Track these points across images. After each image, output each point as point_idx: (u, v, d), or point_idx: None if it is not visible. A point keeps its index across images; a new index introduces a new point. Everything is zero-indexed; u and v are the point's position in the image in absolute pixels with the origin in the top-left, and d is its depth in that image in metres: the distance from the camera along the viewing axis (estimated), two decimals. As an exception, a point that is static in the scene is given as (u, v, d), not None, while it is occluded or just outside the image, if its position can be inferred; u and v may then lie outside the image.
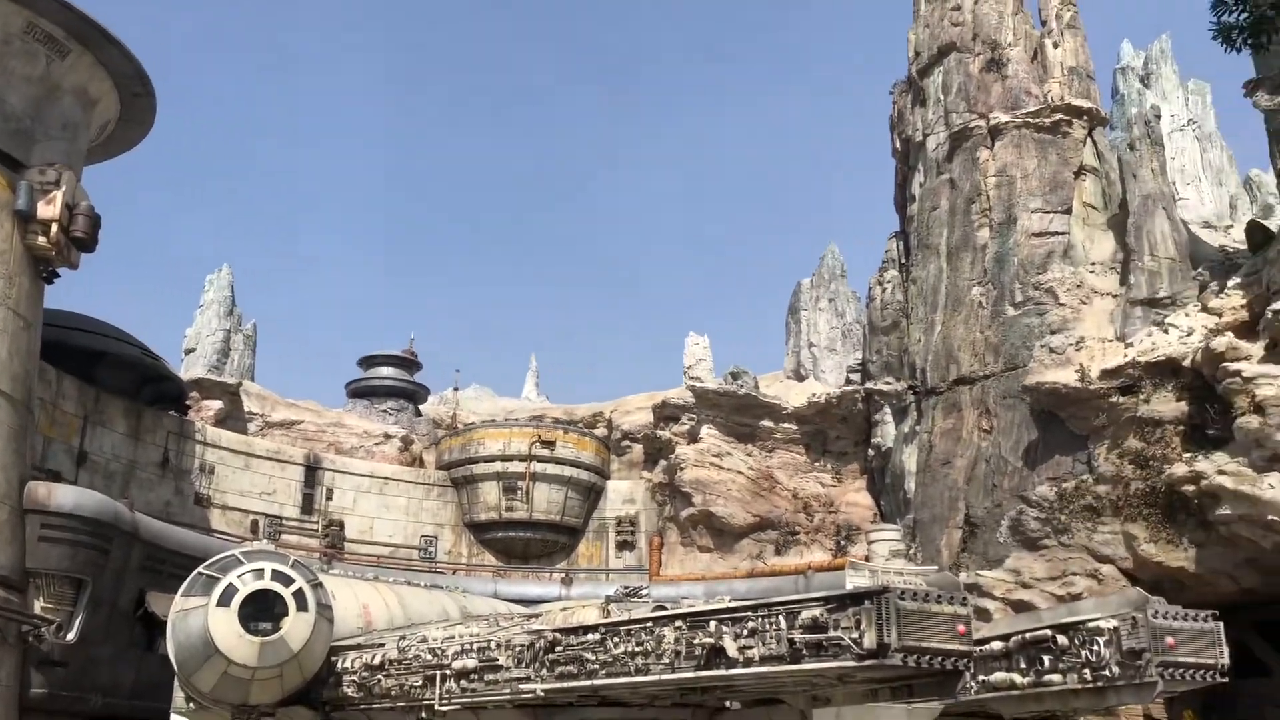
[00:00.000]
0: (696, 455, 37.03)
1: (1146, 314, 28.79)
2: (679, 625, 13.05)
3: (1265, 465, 23.57)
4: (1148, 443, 26.73)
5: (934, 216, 34.68)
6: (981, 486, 30.39)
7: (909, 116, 37.49)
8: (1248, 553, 24.37)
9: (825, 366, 42.79)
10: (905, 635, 11.19)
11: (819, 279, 45.82)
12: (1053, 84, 34.38)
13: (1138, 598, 13.00)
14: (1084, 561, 27.12)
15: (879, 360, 35.99)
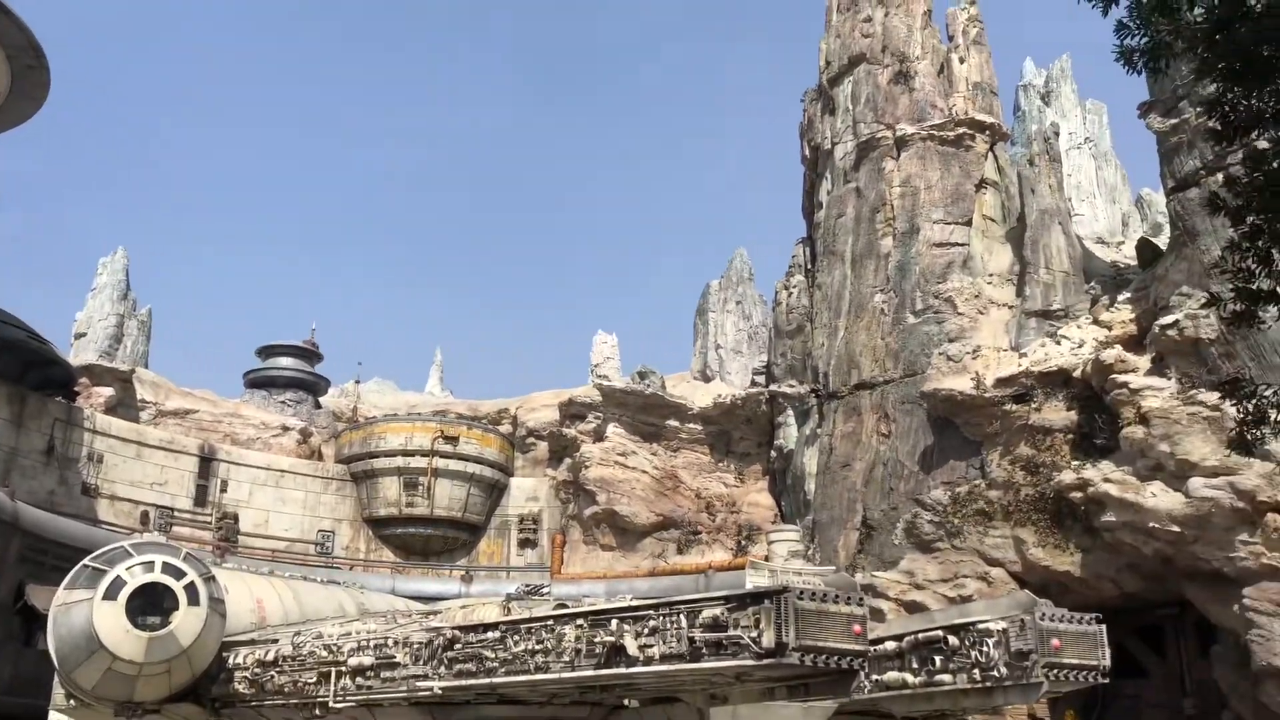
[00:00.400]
0: (602, 454, 37.07)
1: (1040, 325, 29.72)
2: (580, 624, 13.03)
3: (1148, 474, 24.51)
4: (1038, 450, 27.61)
5: (840, 224, 35.29)
6: (879, 489, 31.02)
7: (818, 124, 38.09)
8: (1130, 558, 25.31)
9: (731, 368, 43.24)
10: (803, 634, 11.37)
11: (727, 282, 46.29)
12: (957, 98, 35.27)
13: (1026, 600, 13.42)
14: (975, 564, 27.85)
15: (784, 363, 36.49)
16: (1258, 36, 6.59)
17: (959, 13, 37.19)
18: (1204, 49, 6.99)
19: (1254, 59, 6.70)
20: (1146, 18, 7.48)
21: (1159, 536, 23.95)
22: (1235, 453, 7.72)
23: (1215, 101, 7.69)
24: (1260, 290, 7.63)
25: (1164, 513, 23.68)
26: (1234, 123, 7.29)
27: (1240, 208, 7.49)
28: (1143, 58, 7.49)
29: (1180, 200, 26.59)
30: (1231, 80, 7.12)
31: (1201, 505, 23.08)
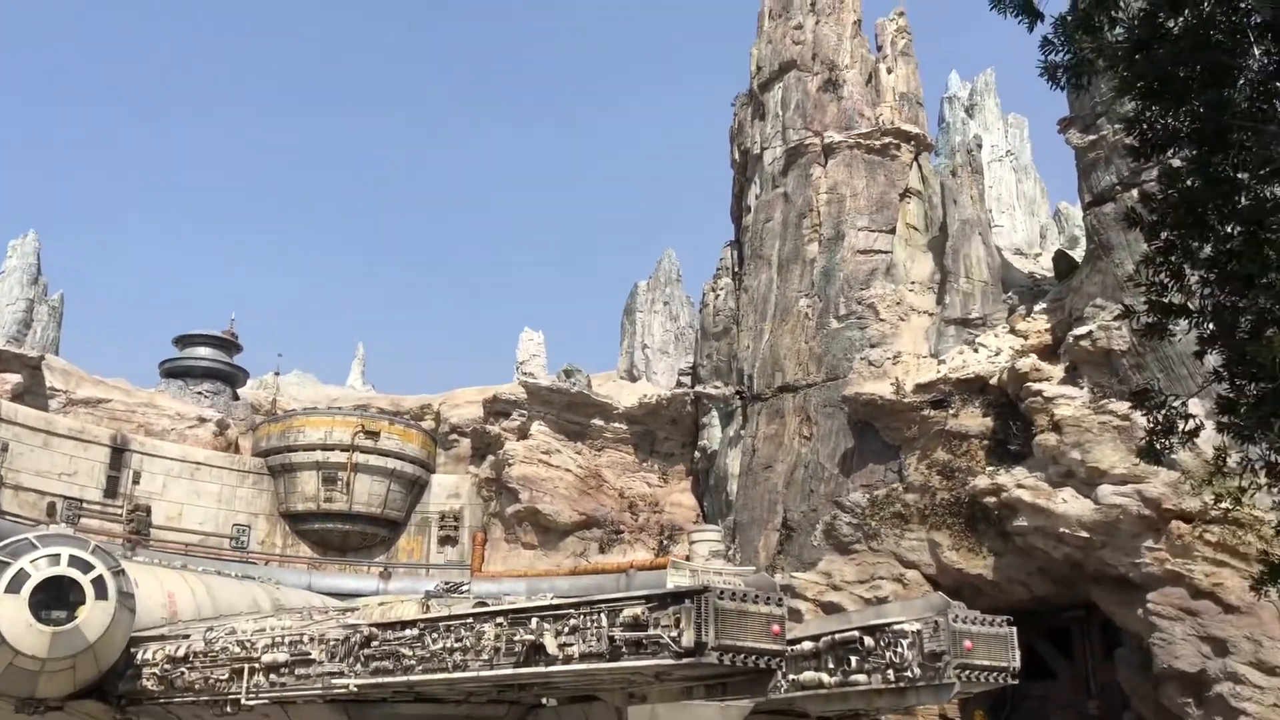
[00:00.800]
0: (526, 451, 36.88)
1: (959, 333, 30.33)
2: (500, 622, 13.00)
3: (1060, 481, 25.16)
4: (954, 455, 28.17)
5: (768, 228, 35.61)
6: (800, 491, 31.38)
7: (749, 129, 38.39)
8: (1040, 562, 25.95)
9: (657, 368, 43.36)
10: (722, 634, 11.48)
11: (655, 282, 46.41)
12: (884, 108, 35.84)
13: (940, 602, 13.71)
14: (891, 566, 28.31)
15: (709, 365, 36.71)
16: (1175, 58, 6.81)
17: (888, 23, 37.79)
18: (1124, 68, 7.20)
19: (1171, 79, 6.92)
20: (1070, 35, 7.67)
21: (1069, 542, 24.60)
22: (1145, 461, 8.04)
23: (1134, 119, 7.91)
24: (1172, 304, 7.88)
25: (1074, 519, 24.33)
26: (1151, 140, 7.51)
27: (1155, 223, 7.73)
28: (1066, 74, 7.69)
29: (1096, 215, 27.34)
30: (1149, 99, 7.33)
31: (1110, 512, 23.77)
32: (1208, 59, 6.59)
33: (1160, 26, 6.86)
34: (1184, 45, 6.71)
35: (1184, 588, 22.46)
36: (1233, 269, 6.81)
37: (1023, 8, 7.83)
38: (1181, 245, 7.28)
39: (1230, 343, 7.31)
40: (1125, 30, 7.34)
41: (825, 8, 37.82)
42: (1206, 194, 6.76)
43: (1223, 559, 22.22)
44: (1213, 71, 6.64)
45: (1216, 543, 22.28)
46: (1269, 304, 6.26)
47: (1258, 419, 6.78)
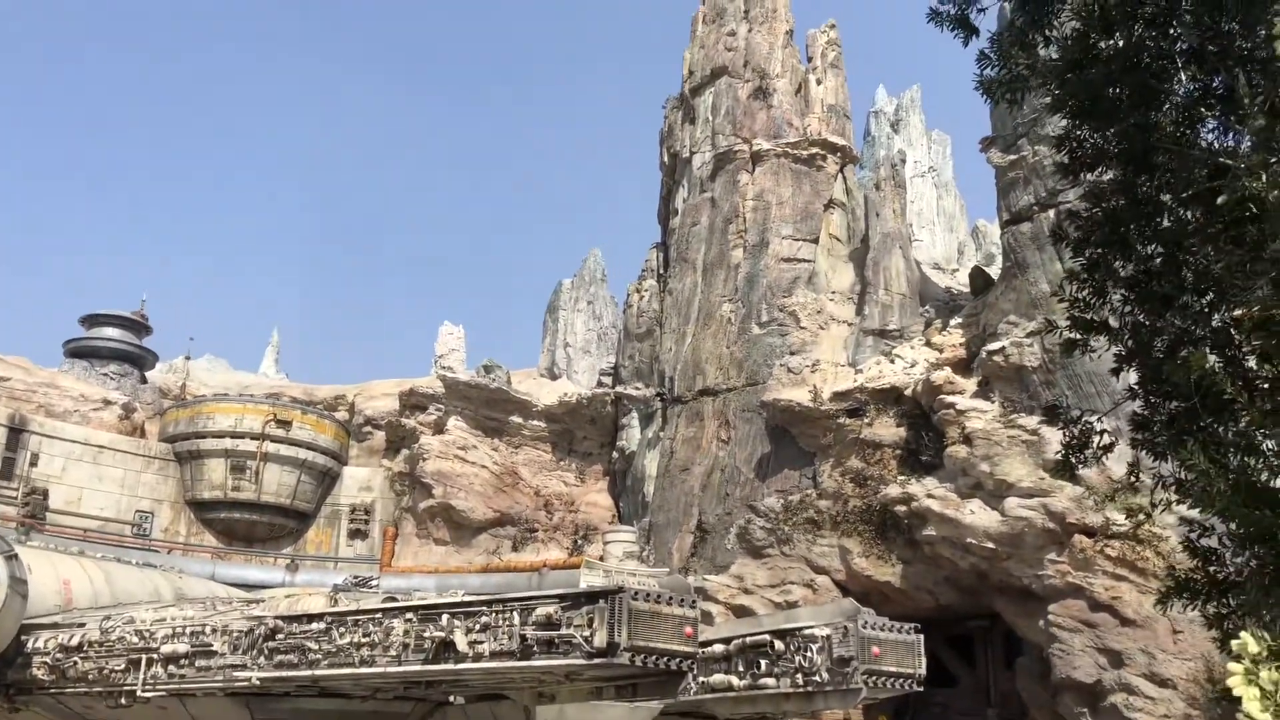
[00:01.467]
0: (441, 446, 36.48)
1: (877, 344, 30.78)
2: (409, 617, 12.81)
3: (969, 492, 25.66)
4: (868, 463, 28.57)
5: (694, 232, 35.76)
6: (715, 494, 31.54)
7: (678, 132, 38.51)
8: (947, 571, 26.44)
9: (579, 367, 43.25)
10: (635, 635, 11.46)
11: (580, 281, 46.29)
12: (813, 119, 36.22)
13: (850, 608, 13.87)
14: (802, 571, 28.61)
15: (631, 365, 36.72)
16: (1106, 78, 6.95)
17: (819, 35, 38.21)
18: (1056, 86, 7.32)
19: (1101, 99, 7.06)
20: (1006, 51, 7.77)
21: (975, 552, 25.09)
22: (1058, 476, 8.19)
23: (1063, 137, 8.03)
24: (1093, 321, 8.04)
25: (981, 529, 24.83)
26: (1080, 158, 7.64)
27: (1080, 240, 7.87)
28: (1000, 89, 7.79)
29: (1013, 233, 27.97)
30: (1080, 118, 7.46)
31: (1016, 524, 24.31)
32: (1137, 81, 6.75)
33: (1092, 47, 7.00)
34: (1115, 67, 6.86)
35: (1084, 600, 23.06)
36: (1152, 289, 6.98)
37: (958, 22, 7.93)
38: (1104, 263, 7.44)
39: (1147, 361, 7.48)
40: (1058, 49, 7.47)
41: (758, 16, 38.10)
42: (1130, 214, 6.92)
43: (1122, 573, 22.86)
44: (1141, 94, 6.80)
45: (1116, 557, 22.91)
46: (1186, 324, 6.42)
47: (1171, 437, 6.96)
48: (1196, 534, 7.26)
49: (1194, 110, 6.44)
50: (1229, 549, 6.85)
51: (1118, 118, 7.07)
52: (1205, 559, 6.94)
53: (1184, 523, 23.18)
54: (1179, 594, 7.14)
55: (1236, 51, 6.26)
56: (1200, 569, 7.11)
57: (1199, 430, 6.30)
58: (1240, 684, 3.94)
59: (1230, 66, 6.22)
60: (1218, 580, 6.74)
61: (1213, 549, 7.04)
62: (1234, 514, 5.25)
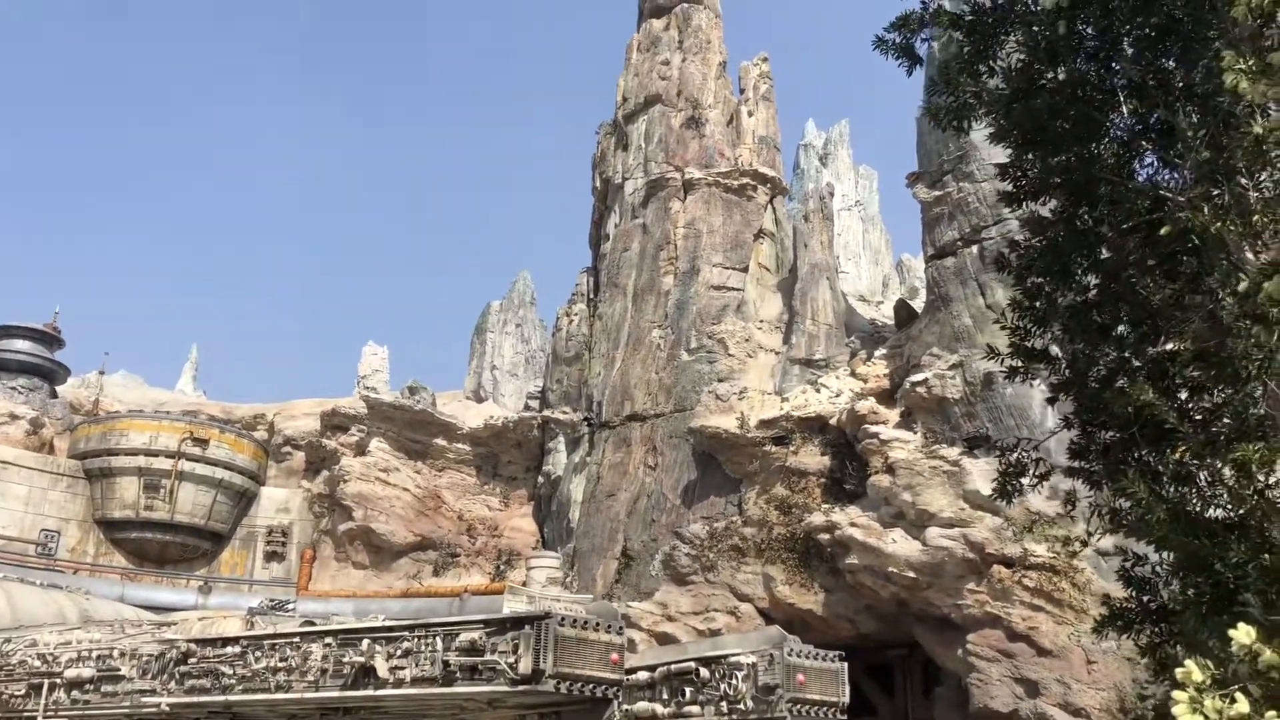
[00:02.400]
0: (363, 468, 35.88)
1: (803, 373, 31.08)
2: (329, 642, 12.51)
3: (891, 521, 25.95)
4: (792, 491, 28.76)
5: (625, 257, 35.83)
6: (641, 520, 31.47)
7: (611, 158, 38.63)
8: (868, 600, 26.66)
9: (506, 390, 42.92)
10: (561, 661, 11.33)
11: (509, 303, 46.04)
12: (744, 149, 36.62)
13: (776, 635, 13.90)
14: (726, 599, 28.63)
15: (559, 389, 36.56)
16: (1051, 109, 7.10)
17: (751, 67, 38.70)
18: (1002, 115, 7.46)
19: (1047, 129, 7.21)
20: (954, 79, 7.89)
21: (896, 581, 25.35)
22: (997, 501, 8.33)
23: (1007, 166, 8.15)
24: (1034, 349, 8.15)
25: (902, 559, 25.10)
26: (1024, 187, 7.77)
27: (1022, 269, 7.98)
28: (947, 116, 7.91)
29: (938, 267, 28.48)
30: (1025, 147, 7.59)
31: (936, 554, 24.62)
32: (1080, 113, 6.91)
33: (1037, 77, 7.15)
34: (1059, 98, 7.01)
35: (1002, 630, 23.40)
36: (1091, 319, 7.12)
37: (903, 51, 8.05)
38: (1045, 293, 7.58)
39: (1083, 390, 7.62)
40: (1003, 79, 7.61)
41: (693, 47, 38.48)
42: (1071, 244, 7.06)
43: (1039, 604, 23.24)
44: (1084, 125, 6.96)
45: (1034, 588, 23.30)
46: (1122, 355, 6.55)
47: (1106, 466, 7.09)
48: (1130, 563, 7.39)
49: (1134, 143, 6.61)
50: (1161, 578, 6.98)
51: (1061, 148, 7.23)
52: (1140, 588, 7.06)
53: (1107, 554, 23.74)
54: (1113, 623, 7.25)
55: (1176, 87, 6.44)
56: (1134, 598, 7.23)
57: (1135, 460, 6.42)
58: (1185, 712, 3.98)
59: (1170, 101, 6.40)
60: (1151, 610, 6.86)
61: (1146, 578, 7.17)
62: (1172, 543, 5.34)
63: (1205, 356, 5.44)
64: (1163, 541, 5.39)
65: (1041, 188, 7.46)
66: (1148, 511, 5.38)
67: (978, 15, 7.53)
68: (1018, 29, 7.33)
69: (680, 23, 39.08)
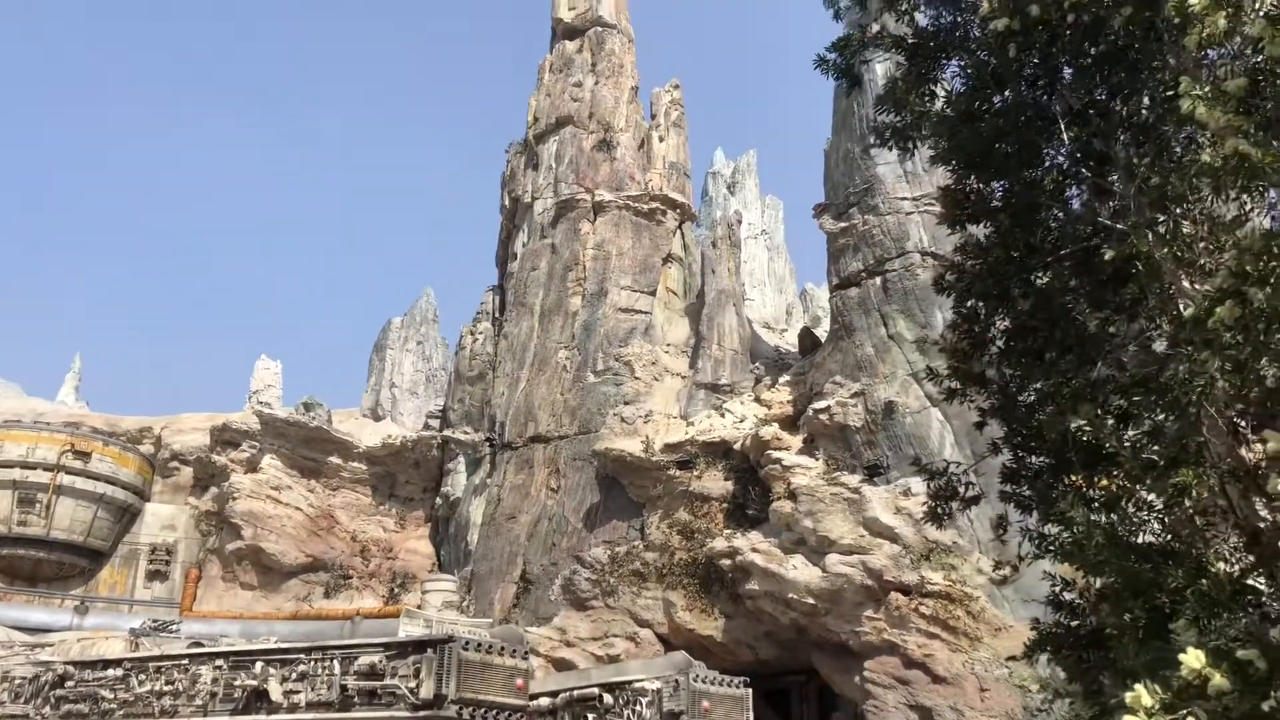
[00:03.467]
0: (254, 485, 34.76)
1: (709, 398, 31.16)
2: (219, 664, 11.92)
3: (792, 547, 26.07)
4: (695, 516, 28.73)
5: (533, 277, 35.56)
6: (542, 544, 31.08)
7: (521, 177, 38.39)
8: (767, 626, 26.70)
9: (405, 409, 42.13)
10: (464, 686, 10.98)
11: (410, 320, 45.30)
12: (654, 174, 36.75)
13: (681, 661, 13.75)
14: (626, 624, 28.38)
15: (460, 409, 35.99)
16: (996, 133, 7.15)
17: (663, 94, 38.93)
18: (947, 137, 7.49)
19: (991, 153, 7.25)
20: (902, 98, 7.89)
21: (796, 607, 25.43)
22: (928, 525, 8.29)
23: (949, 189, 8.16)
24: (970, 371, 8.15)
25: (802, 585, 25.20)
26: (967, 210, 7.80)
27: (963, 291, 7.98)
28: (895, 135, 7.91)
29: (842, 297, 28.89)
30: (970, 170, 7.61)
31: (836, 580, 24.78)
32: (1023, 139, 6.98)
33: (983, 101, 7.20)
34: (1004, 122, 7.07)
35: (898, 657, 23.63)
36: (1027, 343, 7.16)
37: (843, 72, 8.07)
38: (983, 317, 7.61)
39: (1014, 415, 7.66)
40: (947, 103, 7.64)
41: (605, 70, 38.56)
42: (1008, 269, 7.11)
43: (935, 631, 23.55)
44: (1027, 150, 7.03)
45: (930, 615, 23.61)
46: (1056, 380, 6.60)
47: (1038, 490, 7.12)
48: (1060, 588, 7.41)
49: (1072, 170, 6.69)
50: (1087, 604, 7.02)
51: (1004, 173, 7.28)
52: (1073, 613, 7.09)
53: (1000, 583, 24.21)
54: (1042, 647, 7.27)
55: (1116, 115, 6.54)
56: (1062, 624, 7.25)
57: (1069, 485, 6.45)
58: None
59: (1108, 130, 6.49)
60: (1081, 634, 6.89)
61: (1074, 603, 7.21)
62: (1109, 568, 5.35)
63: (1144, 383, 5.49)
64: (1099, 566, 5.42)
65: (982, 211, 7.51)
66: (1085, 536, 5.39)
67: (920, 39, 7.59)
68: (958, 53, 7.39)
69: (593, 46, 39.15)
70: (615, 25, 39.85)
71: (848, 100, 30.60)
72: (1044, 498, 6.53)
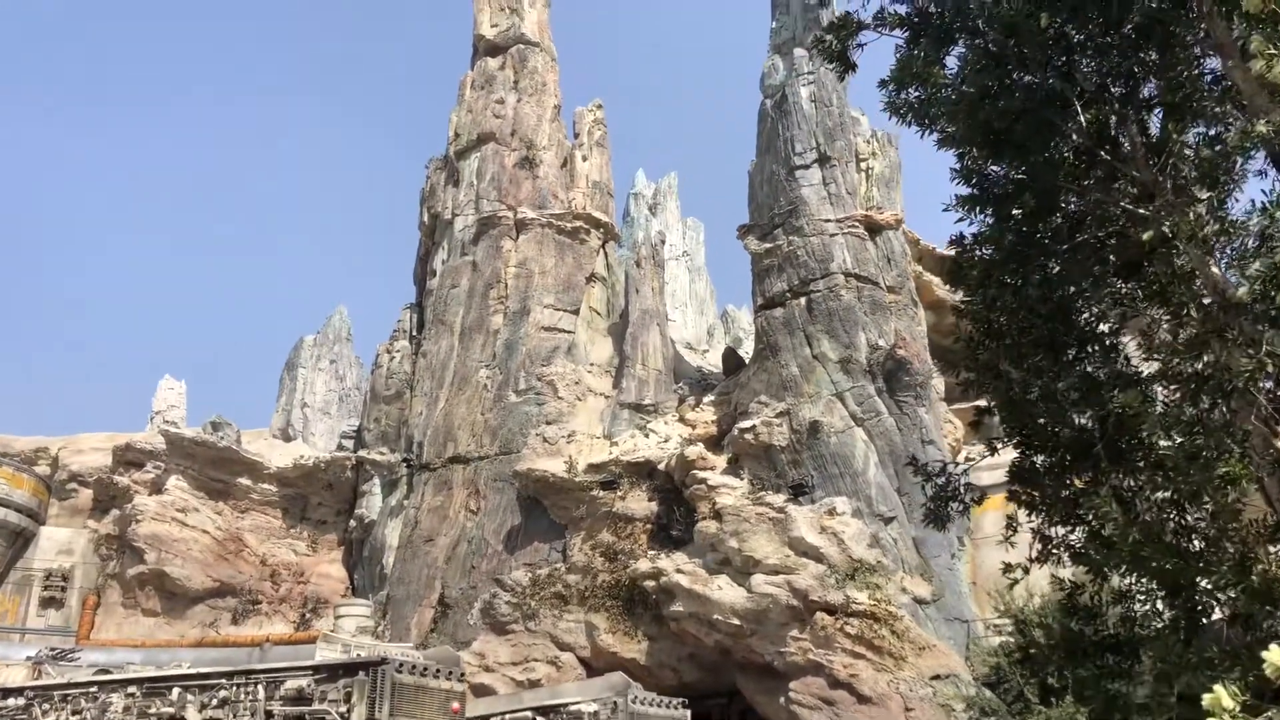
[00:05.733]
0: (159, 508, 33.35)
1: (633, 418, 30.91)
2: (132, 691, 11.21)
3: (717, 568, 25.87)
4: (619, 537, 28.38)
5: (453, 294, 34.95)
6: (461, 567, 30.40)
7: (441, 194, 37.81)
8: (691, 648, 26.42)
9: (317, 429, 41.03)
10: (398, 711, 10.48)
11: (323, 338, 44.22)
12: (577, 193, 36.51)
13: (620, 683, 13.41)
14: (547, 648, 27.85)
15: (376, 429, 35.12)
16: (1018, 110, 6.96)
17: (586, 113, 38.79)
18: (966, 115, 7.29)
19: (1011, 132, 7.08)
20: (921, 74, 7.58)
21: (721, 628, 25.21)
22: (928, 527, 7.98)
23: (968, 170, 7.90)
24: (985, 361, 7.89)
25: (728, 605, 25.00)
26: (987, 191, 7.58)
27: (981, 277, 7.72)
28: (910, 111, 7.67)
29: (767, 317, 28.96)
30: (992, 148, 7.38)
31: (761, 600, 24.63)
32: (1041, 119, 6.84)
33: (1005, 78, 7.05)
34: (1028, 100, 6.91)
35: (824, 678, 23.53)
36: (1047, 332, 6.99)
37: (838, 57, 7.90)
38: (999, 304, 7.42)
39: (1021, 409, 7.46)
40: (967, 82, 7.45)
41: (528, 88, 38.28)
42: (1030, 251, 6.94)
43: (860, 651, 23.53)
44: (1046, 132, 6.88)
45: (856, 635, 23.59)
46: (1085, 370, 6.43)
47: (1049, 489, 6.92)
48: (1068, 591, 7.22)
49: (1090, 152, 6.57)
50: (1103, 607, 6.84)
51: (1025, 153, 7.11)
52: (1091, 616, 6.89)
53: (924, 601, 24.30)
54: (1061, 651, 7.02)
55: (1137, 95, 6.44)
56: (1076, 629, 7.05)
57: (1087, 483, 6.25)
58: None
59: (1129, 110, 6.38)
60: (1100, 640, 6.69)
61: (1091, 608, 7.02)
62: (1145, 566, 5.16)
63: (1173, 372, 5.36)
64: (1136, 564, 5.23)
65: (996, 195, 7.34)
66: (1122, 533, 5.20)
67: (924, 18, 7.44)
68: (962, 35, 7.25)
69: (516, 63, 38.86)
70: (538, 44, 39.64)
71: (773, 122, 30.84)
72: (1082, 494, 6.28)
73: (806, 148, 29.99)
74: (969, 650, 24.61)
